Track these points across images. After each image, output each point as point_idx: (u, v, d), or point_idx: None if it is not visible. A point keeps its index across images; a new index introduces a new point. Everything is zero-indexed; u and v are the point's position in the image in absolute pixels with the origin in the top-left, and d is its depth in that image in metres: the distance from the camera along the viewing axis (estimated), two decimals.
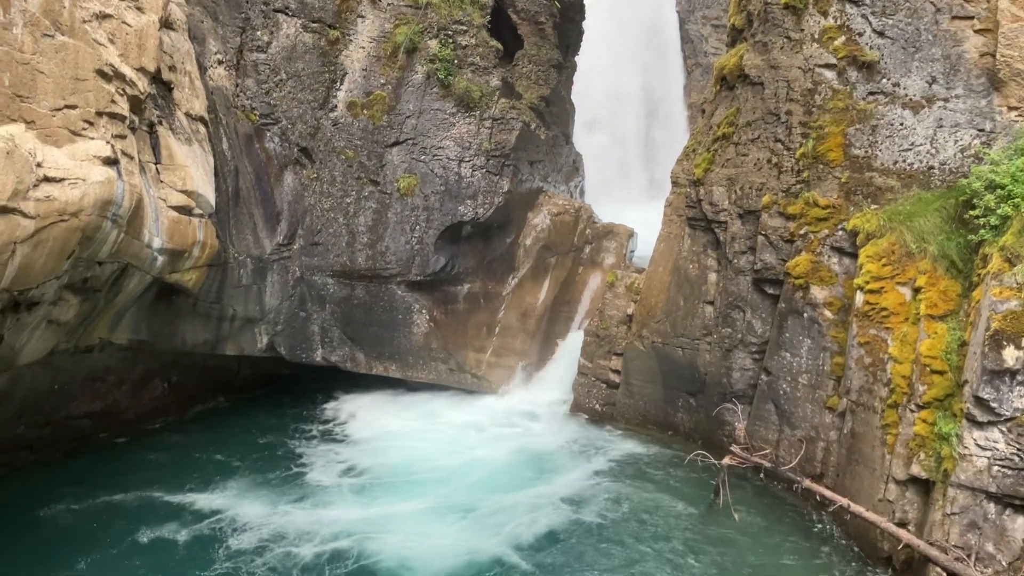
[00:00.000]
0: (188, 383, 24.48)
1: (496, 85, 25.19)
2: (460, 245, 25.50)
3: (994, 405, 13.59)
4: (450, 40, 24.87)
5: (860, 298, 17.13)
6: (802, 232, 19.01)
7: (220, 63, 23.45)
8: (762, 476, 19.06)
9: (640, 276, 24.50)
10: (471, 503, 18.44)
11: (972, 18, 17.48)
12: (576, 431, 23.19)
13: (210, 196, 20.44)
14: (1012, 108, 17.13)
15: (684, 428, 22.21)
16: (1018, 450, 13.45)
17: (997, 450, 13.63)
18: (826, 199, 18.77)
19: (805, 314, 18.70)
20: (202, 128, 21.26)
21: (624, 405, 23.48)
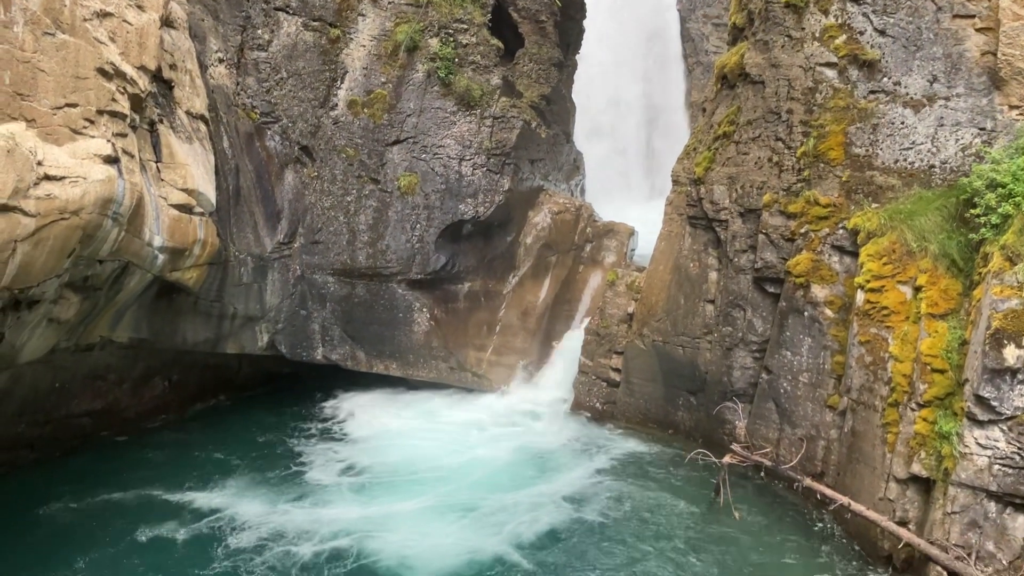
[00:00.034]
0: (189, 381, 24.49)
1: (497, 83, 25.18)
2: (461, 244, 25.50)
3: (995, 404, 13.60)
4: (451, 38, 24.86)
5: (861, 297, 17.13)
6: (803, 231, 19.01)
7: (221, 61, 23.45)
8: (763, 475, 19.06)
9: (641, 275, 24.49)
10: (472, 502, 18.42)
11: (973, 16, 17.46)
12: (577, 430, 23.19)
13: (211, 194, 20.44)
14: (1013, 107, 17.12)
15: (685, 427, 22.21)
16: (1019, 449, 13.46)
17: (998, 449, 13.63)
18: (827, 198, 18.76)
19: (806, 313, 18.69)
20: (203, 126, 21.25)
21: (625, 404, 23.48)
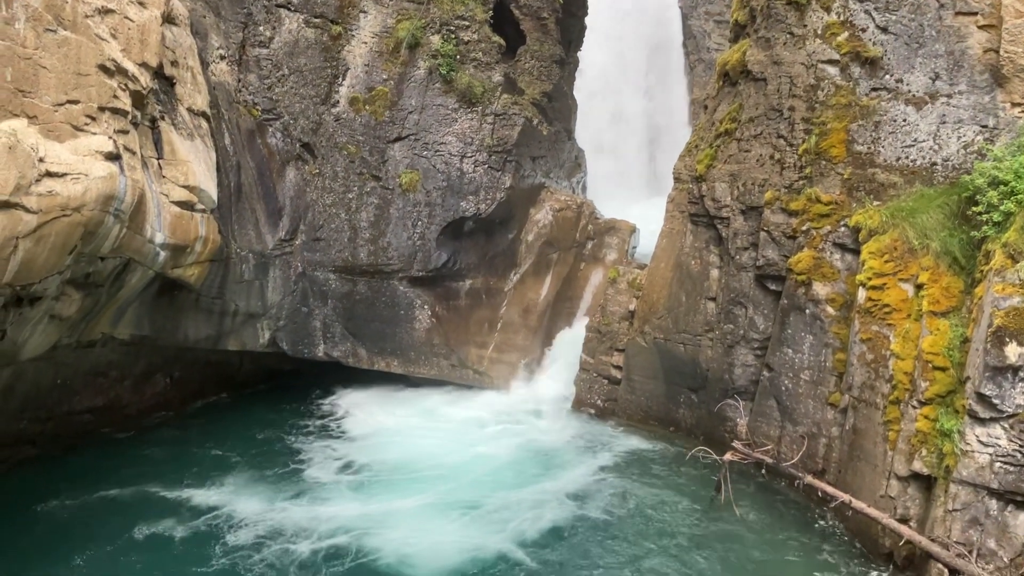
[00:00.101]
0: (190, 378, 24.50)
1: (498, 81, 25.16)
2: (462, 241, 25.50)
3: (996, 402, 13.59)
4: (452, 35, 24.84)
5: (862, 294, 17.12)
6: (804, 228, 18.99)
7: (222, 58, 23.44)
8: (764, 472, 19.05)
9: (642, 272, 24.48)
10: (474, 499, 18.38)
11: (976, 14, 17.42)
12: (579, 427, 23.18)
13: (212, 191, 20.44)
14: (1015, 104, 17.09)
15: (686, 424, 22.21)
16: (1020, 446, 13.45)
17: (999, 446, 13.62)
18: (829, 195, 18.74)
19: (807, 310, 18.68)
20: (204, 123, 21.25)
21: (626, 401, 23.48)
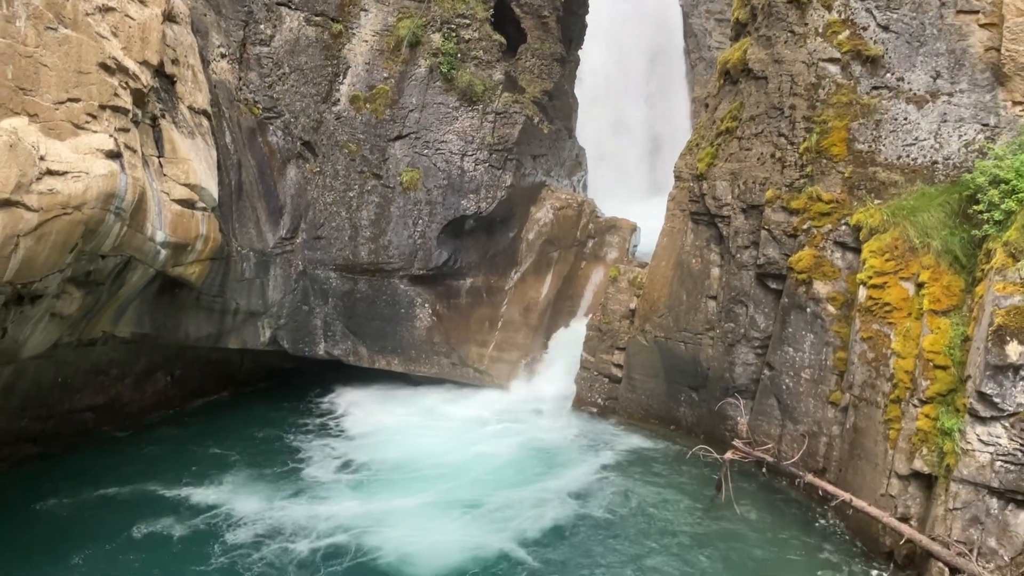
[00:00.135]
0: (191, 376, 24.51)
1: (499, 79, 25.15)
2: (463, 239, 25.49)
3: (997, 400, 13.58)
4: (453, 34, 24.82)
5: (863, 293, 17.11)
6: (805, 227, 18.97)
7: (223, 56, 23.43)
8: (765, 471, 19.07)
9: (643, 271, 24.48)
10: (475, 498, 18.40)
11: (977, 12, 17.41)
12: (580, 426, 23.19)
13: (213, 190, 20.44)
14: (1017, 103, 17.07)
15: (686, 423, 22.21)
16: (1021, 445, 13.45)
17: (1000, 445, 13.62)
18: (829, 194, 18.73)
19: (808, 309, 18.68)
20: (205, 121, 21.24)
21: (626, 399, 23.48)
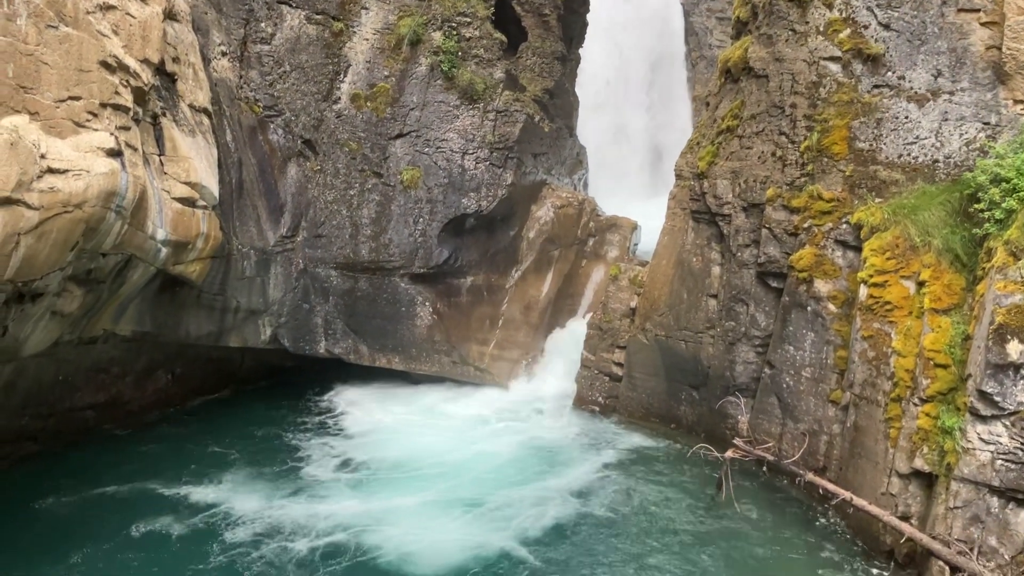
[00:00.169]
0: (191, 375, 24.52)
1: (500, 77, 25.13)
2: (463, 238, 25.49)
3: (998, 399, 13.58)
4: (454, 32, 24.80)
5: (864, 292, 17.10)
6: (806, 225, 18.97)
7: (224, 55, 23.42)
8: (765, 469, 19.06)
9: (643, 269, 24.47)
10: (476, 497, 18.40)
11: (978, 11, 17.39)
12: (580, 424, 23.19)
13: (214, 188, 20.45)
14: (1018, 101, 17.06)
15: (687, 421, 22.22)
16: (1021, 444, 13.45)
17: (1000, 444, 13.62)
18: (830, 192, 18.72)
19: (809, 307, 18.67)
20: (206, 120, 21.25)
21: (627, 398, 23.49)
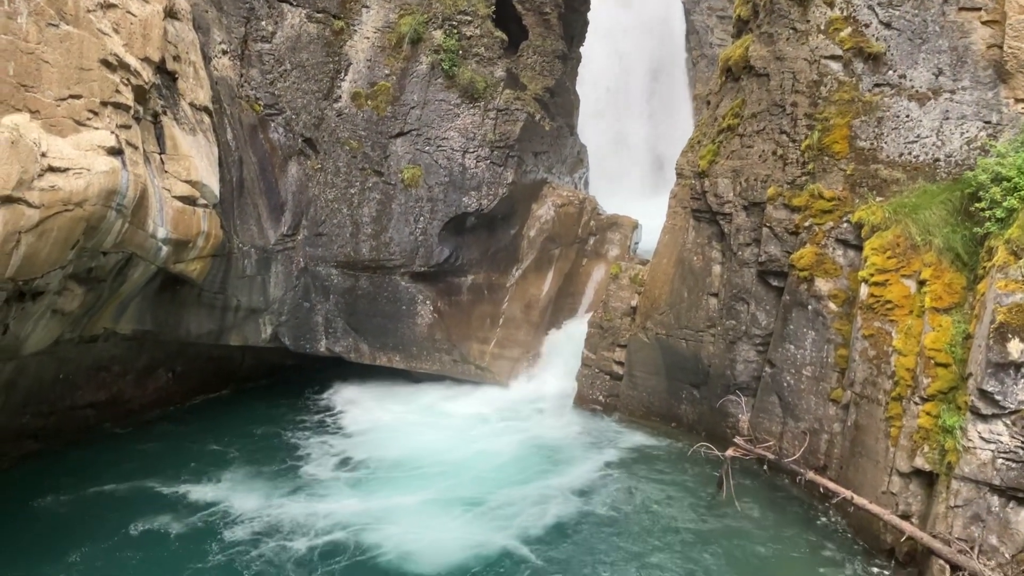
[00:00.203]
0: (192, 373, 24.53)
1: (501, 76, 25.12)
2: (464, 236, 25.49)
3: (998, 398, 13.58)
4: (455, 31, 24.80)
5: (865, 290, 17.10)
6: (807, 224, 18.96)
7: (225, 53, 23.42)
8: (766, 468, 19.04)
9: (644, 268, 24.46)
10: (477, 495, 18.40)
11: (979, 9, 17.36)
12: (581, 423, 23.18)
13: (214, 186, 20.45)
14: (1019, 100, 17.02)
15: (688, 420, 22.22)
16: (1022, 443, 13.44)
17: (1001, 443, 13.62)
18: (831, 191, 18.71)
19: (809, 306, 18.67)
20: (206, 118, 21.25)
21: (628, 397, 23.49)
